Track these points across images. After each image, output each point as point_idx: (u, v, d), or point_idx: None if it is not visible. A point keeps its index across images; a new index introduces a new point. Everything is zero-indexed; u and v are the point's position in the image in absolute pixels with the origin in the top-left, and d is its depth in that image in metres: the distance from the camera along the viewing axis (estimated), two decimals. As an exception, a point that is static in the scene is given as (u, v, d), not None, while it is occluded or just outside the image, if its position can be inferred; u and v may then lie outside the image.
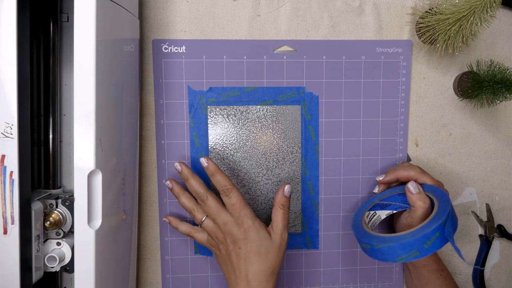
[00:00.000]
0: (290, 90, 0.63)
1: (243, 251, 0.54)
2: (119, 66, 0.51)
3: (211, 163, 0.56)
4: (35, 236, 0.45)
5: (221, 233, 0.55)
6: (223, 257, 0.56)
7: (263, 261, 0.54)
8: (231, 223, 0.55)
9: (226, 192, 0.55)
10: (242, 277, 0.54)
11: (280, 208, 0.56)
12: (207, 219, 0.56)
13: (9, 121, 0.41)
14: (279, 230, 0.56)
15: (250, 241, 0.54)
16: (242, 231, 0.54)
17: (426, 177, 0.57)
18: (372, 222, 0.58)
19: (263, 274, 0.54)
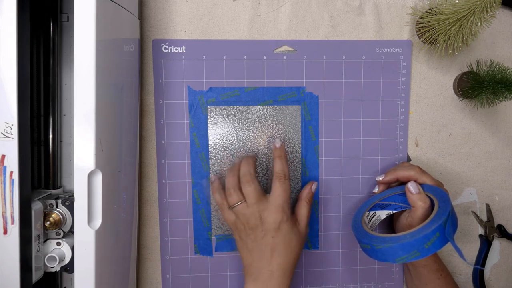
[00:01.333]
0: (290, 90, 0.63)
1: (275, 241, 0.55)
2: (119, 66, 0.51)
3: (283, 148, 0.59)
4: (35, 236, 0.45)
5: (256, 220, 0.55)
6: (250, 244, 0.56)
7: (289, 253, 0.55)
8: (269, 211, 0.55)
9: (282, 179, 0.56)
10: (267, 267, 0.55)
11: (306, 202, 0.59)
12: (244, 203, 0.56)
13: (9, 121, 0.41)
14: (304, 223, 0.58)
15: (283, 233, 0.55)
16: (278, 221, 0.55)
17: (426, 177, 0.57)
18: (372, 222, 0.58)
19: (287, 266, 0.55)
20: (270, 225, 0.55)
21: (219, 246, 0.64)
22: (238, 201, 0.56)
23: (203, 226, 0.64)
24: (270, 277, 0.54)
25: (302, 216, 0.58)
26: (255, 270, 0.55)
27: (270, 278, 0.54)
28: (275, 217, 0.55)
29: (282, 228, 0.55)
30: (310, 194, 0.60)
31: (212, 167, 0.63)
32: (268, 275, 0.54)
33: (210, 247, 0.64)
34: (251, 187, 0.56)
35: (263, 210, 0.55)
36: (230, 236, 0.64)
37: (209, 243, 0.64)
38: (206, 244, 0.64)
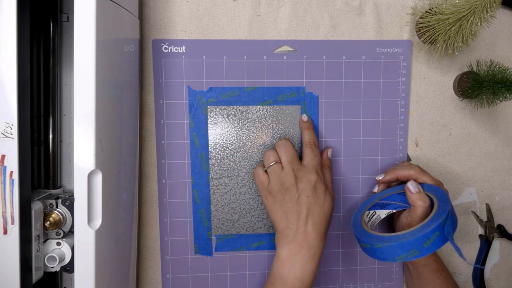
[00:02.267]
0: (290, 90, 0.63)
1: (310, 201, 0.55)
2: (119, 66, 0.51)
3: (310, 120, 0.62)
4: (35, 236, 0.45)
5: (291, 179, 0.56)
6: (285, 205, 0.56)
7: (323, 215, 0.56)
8: (304, 171, 0.57)
9: (312, 146, 0.59)
10: (302, 227, 0.55)
11: (326, 168, 0.61)
12: (279, 163, 0.58)
13: (9, 121, 0.41)
14: (331, 187, 0.60)
15: (317, 193, 0.56)
16: (314, 181, 0.56)
17: (426, 176, 0.57)
18: (371, 222, 0.58)
19: (322, 227, 0.56)
20: (305, 184, 0.56)
21: (219, 246, 0.64)
22: (273, 160, 0.58)
23: (203, 226, 0.64)
24: (305, 238, 0.55)
25: (327, 181, 0.60)
26: (290, 232, 0.56)
27: (306, 239, 0.55)
28: (310, 177, 0.56)
29: (317, 188, 0.56)
30: (328, 161, 0.62)
31: (212, 167, 0.63)
32: (304, 236, 0.55)
33: (210, 247, 0.64)
34: (286, 148, 0.58)
35: (297, 170, 0.56)
36: (230, 236, 0.64)
37: (209, 243, 0.64)
38: (206, 244, 0.64)
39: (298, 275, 0.54)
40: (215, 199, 0.64)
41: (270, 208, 0.58)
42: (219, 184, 0.63)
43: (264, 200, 0.59)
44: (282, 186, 0.56)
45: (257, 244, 0.65)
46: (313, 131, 0.61)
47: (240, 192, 0.64)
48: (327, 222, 0.57)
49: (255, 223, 0.65)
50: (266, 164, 0.59)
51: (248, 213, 0.64)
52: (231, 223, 0.64)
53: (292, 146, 0.59)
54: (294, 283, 0.54)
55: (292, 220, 0.56)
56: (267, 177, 0.58)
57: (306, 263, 0.55)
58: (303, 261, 0.55)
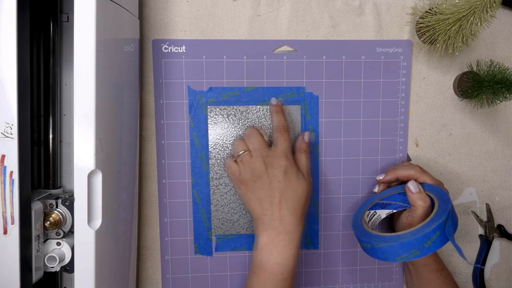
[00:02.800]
0: (290, 90, 0.63)
1: (282, 186, 0.55)
2: (119, 66, 0.51)
3: (279, 104, 0.62)
4: (35, 236, 0.45)
5: (261, 166, 0.56)
6: (258, 192, 0.56)
7: (298, 198, 0.56)
8: (273, 157, 0.56)
9: (281, 130, 0.59)
10: (277, 213, 0.55)
11: (302, 153, 0.60)
12: (248, 152, 0.57)
13: (9, 121, 0.41)
14: (305, 171, 0.59)
15: (289, 177, 0.56)
16: (284, 165, 0.56)
17: (426, 176, 0.57)
18: (372, 222, 0.58)
19: (297, 211, 0.56)
20: (276, 169, 0.55)
21: (219, 246, 0.64)
22: (242, 150, 0.58)
23: (203, 226, 0.64)
24: (281, 223, 0.55)
25: (302, 166, 0.59)
26: (266, 218, 0.55)
27: (282, 224, 0.55)
28: (280, 162, 0.56)
29: (288, 172, 0.56)
30: (304, 144, 0.61)
31: (212, 167, 0.63)
32: (279, 221, 0.55)
33: (210, 247, 0.64)
34: (253, 136, 0.58)
35: (266, 156, 0.56)
36: (230, 236, 0.64)
37: (209, 243, 0.64)
38: (206, 244, 0.64)
39: (277, 260, 0.54)
40: (215, 199, 0.64)
41: (244, 197, 0.58)
42: (219, 184, 0.63)
43: (237, 190, 0.59)
44: (253, 173, 0.56)
45: (257, 244, 0.65)
46: (282, 114, 0.61)
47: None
48: (302, 206, 0.57)
49: (255, 223, 0.65)
50: (235, 154, 0.59)
51: (248, 213, 0.64)
52: (231, 223, 0.64)
53: (259, 133, 0.59)
54: (274, 268, 0.54)
55: (266, 206, 0.55)
56: (238, 167, 0.58)
57: (284, 248, 0.54)
58: (281, 246, 0.54)
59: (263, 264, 0.54)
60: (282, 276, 0.54)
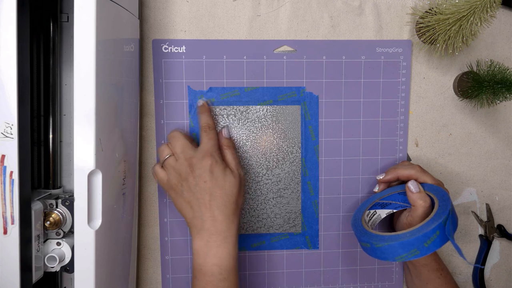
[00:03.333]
0: (290, 90, 0.63)
1: (209, 185, 0.54)
2: (119, 66, 0.51)
3: (206, 104, 0.61)
4: (35, 236, 0.45)
5: (186, 168, 0.55)
6: (186, 195, 0.55)
7: (227, 196, 0.55)
8: (197, 158, 0.55)
9: (207, 129, 0.58)
10: (208, 213, 0.54)
11: (226, 148, 0.59)
12: (172, 156, 0.56)
13: (9, 121, 0.41)
14: (234, 166, 0.58)
15: (215, 176, 0.55)
16: (208, 165, 0.54)
17: (426, 176, 0.57)
18: (372, 221, 0.58)
19: (228, 209, 0.55)
20: (201, 170, 0.54)
21: (219, 246, 0.64)
22: (167, 154, 0.56)
23: (203, 226, 0.64)
24: (213, 224, 0.54)
25: (229, 161, 0.58)
26: (198, 221, 0.54)
27: (214, 224, 0.54)
28: (204, 162, 0.54)
29: (213, 171, 0.55)
30: (226, 140, 0.60)
31: (212, 167, 0.63)
32: (211, 222, 0.54)
33: (210, 247, 0.64)
34: (176, 139, 0.57)
35: (191, 158, 0.55)
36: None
37: (209, 243, 0.64)
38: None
39: (214, 262, 0.53)
40: (215, 199, 0.64)
41: (175, 202, 0.57)
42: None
43: (168, 195, 0.58)
44: (180, 177, 0.55)
45: (257, 244, 0.65)
46: (208, 113, 0.60)
47: (240, 192, 0.64)
48: (233, 202, 0.56)
49: (254, 223, 0.65)
50: (161, 159, 0.57)
51: (248, 213, 0.64)
52: (231, 223, 0.64)
53: (181, 135, 0.57)
54: (213, 269, 0.53)
55: (196, 208, 0.54)
56: (165, 172, 0.57)
57: (219, 248, 0.53)
58: (215, 246, 0.53)
59: (201, 268, 0.54)
60: (221, 277, 0.53)
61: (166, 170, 0.56)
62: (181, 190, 0.55)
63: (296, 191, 0.65)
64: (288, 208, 0.65)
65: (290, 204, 0.65)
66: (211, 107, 0.62)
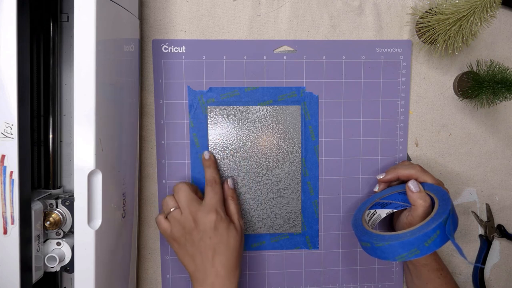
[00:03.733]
0: (290, 90, 0.63)
1: (213, 242, 0.55)
2: (119, 66, 0.51)
3: (212, 158, 0.62)
4: (35, 236, 0.45)
5: (190, 222, 0.55)
6: (190, 248, 0.56)
7: (230, 251, 0.56)
8: (202, 213, 0.55)
9: (213, 183, 0.59)
10: (210, 268, 0.54)
11: (230, 200, 0.60)
12: (178, 209, 0.56)
13: (9, 121, 0.41)
14: (236, 218, 0.59)
15: (220, 232, 0.55)
16: (213, 221, 0.55)
17: (426, 176, 0.57)
18: (372, 221, 0.58)
19: (231, 263, 0.55)
20: (205, 225, 0.55)
21: (219, 246, 0.64)
22: (172, 207, 0.57)
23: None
24: (216, 278, 0.54)
25: (232, 212, 0.59)
26: (200, 274, 0.55)
27: (216, 279, 0.54)
28: (209, 218, 0.55)
29: (218, 228, 0.55)
30: (230, 191, 0.61)
31: (212, 167, 0.63)
32: (214, 276, 0.54)
33: (210, 247, 0.64)
34: (182, 192, 0.57)
35: (196, 212, 0.55)
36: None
37: (209, 243, 0.64)
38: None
39: None
40: (215, 199, 0.64)
41: (177, 253, 0.57)
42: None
43: (171, 246, 0.59)
44: (184, 231, 0.56)
45: (257, 244, 0.65)
46: (215, 167, 0.61)
47: (240, 192, 0.64)
48: (236, 256, 0.57)
49: (255, 223, 0.65)
50: (165, 211, 0.57)
51: (248, 213, 0.64)
52: (231, 223, 0.64)
53: (188, 188, 0.57)
54: None
55: (199, 262, 0.55)
56: (169, 224, 0.57)
57: None
58: None
59: None
60: None
61: (170, 222, 0.57)
62: (185, 243, 0.56)
63: (296, 191, 0.65)
64: (288, 208, 0.65)
65: (290, 204, 0.65)
66: (217, 107, 0.62)
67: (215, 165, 0.61)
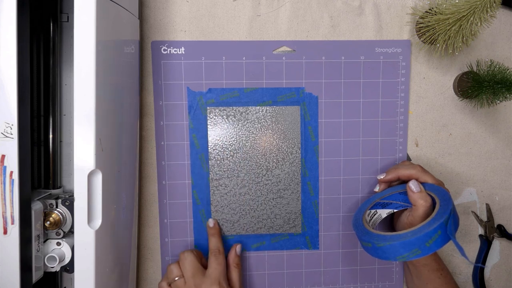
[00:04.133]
0: (289, 90, 0.63)
1: None
2: (119, 66, 0.51)
3: (217, 226, 0.63)
4: (35, 236, 0.45)
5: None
6: None
7: None
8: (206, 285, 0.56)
9: (217, 253, 0.60)
10: None
11: (234, 267, 0.61)
12: (182, 279, 0.57)
13: (9, 121, 0.41)
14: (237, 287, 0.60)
15: None
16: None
17: (427, 176, 0.57)
18: (373, 221, 0.58)
19: None
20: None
21: (219, 247, 0.64)
22: (176, 275, 0.57)
23: (203, 227, 0.64)
24: None
25: (234, 281, 0.60)
26: None
27: None
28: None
29: None
30: (237, 258, 0.62)
31: (212, 168, 0.63)
32: None
33: (210, 248, 0.64)
34: (188, 261, 0.58)
35: (200, 284, 0.56)
36: (230, 236, 0.64)
37: (209, 244, 0.64)
38: (206, 245, 0.64)
39: None
40: (215, 200, 0.64)
41: None
42: (219, 185, 0.63)
43: None
44: None
45: (258, 244, 0.65)
46: (219, 236, 0.62)
47: (240, 192, 0.64)
48: None
49: (255, 223, 0.65)
50: (170, 279, 0.58)
51: (248, 214, 0.64)
52: (231, 223, 0.64)
53: (194, 258, 0.58)
54: None
55: None
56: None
57: None
58: None
59: None
60: None
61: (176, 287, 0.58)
62: None
63: (296, 192, 0.65)
64: (288, 208, 0.65)
65: (290, 204, 0.65)
66: (216, 108, 0.62)
67: (219, 234, 0.62)
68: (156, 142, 0.62)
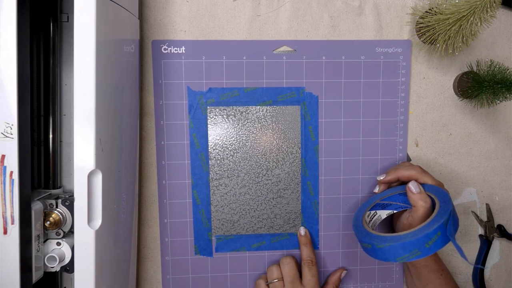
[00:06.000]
0: (289, 90, 0.63)
1: None
2: (119, 66, 0.51)
3: (308, 234, 0.64)
4: (35, 236, 0.45)
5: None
6: None
7: None
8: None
9: (310, 264, 0.61)
10: None
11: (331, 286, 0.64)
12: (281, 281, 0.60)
13: (9, 121, 0.41)
14: None
15: None
16: None
17: (427, 177, 0.57)
18: (373, 222, 0.58)
19: None
20: None
21: (219, 247, 0.64)
22: (276, 277, 0.60)
23: (203, 226, 0.64)
24: None
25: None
26: None
27: None
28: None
29: None
30: (338, 281, 0.65)
31: (212, 167, 0.63)
32: None
33: (210, 248, 0.64)
34: (289, 266, 0.61)
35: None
36: (230, 236, 0.64)
37: (209, 244, 0.64)
38: (206, 245, 0.64)
39: None
40: (215, 200, 0.64)
41: None
42: (219, 184, 0.63)
43: None
44: None
45: (258, 244, 0.65)
46: (310, 246, 0.63)
47: (240, 192, 0.64)
48: None
49: (255, 223, 0.65)
50: (269, 279, 0.61)
51: (248, 214, 0.64)
52: (231, 223, 0.64)
53: (295, 265, 0.61)
54: None
55: None
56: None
57: None
58: None
59: None
60: None
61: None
62: None
63: (296, 192, 0.65)
64: (288, 208, 0.65)
65: (290, 204, 0.65)
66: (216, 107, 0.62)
67: (311, 243, 0.64)
68: (156, 141, 0.62)
